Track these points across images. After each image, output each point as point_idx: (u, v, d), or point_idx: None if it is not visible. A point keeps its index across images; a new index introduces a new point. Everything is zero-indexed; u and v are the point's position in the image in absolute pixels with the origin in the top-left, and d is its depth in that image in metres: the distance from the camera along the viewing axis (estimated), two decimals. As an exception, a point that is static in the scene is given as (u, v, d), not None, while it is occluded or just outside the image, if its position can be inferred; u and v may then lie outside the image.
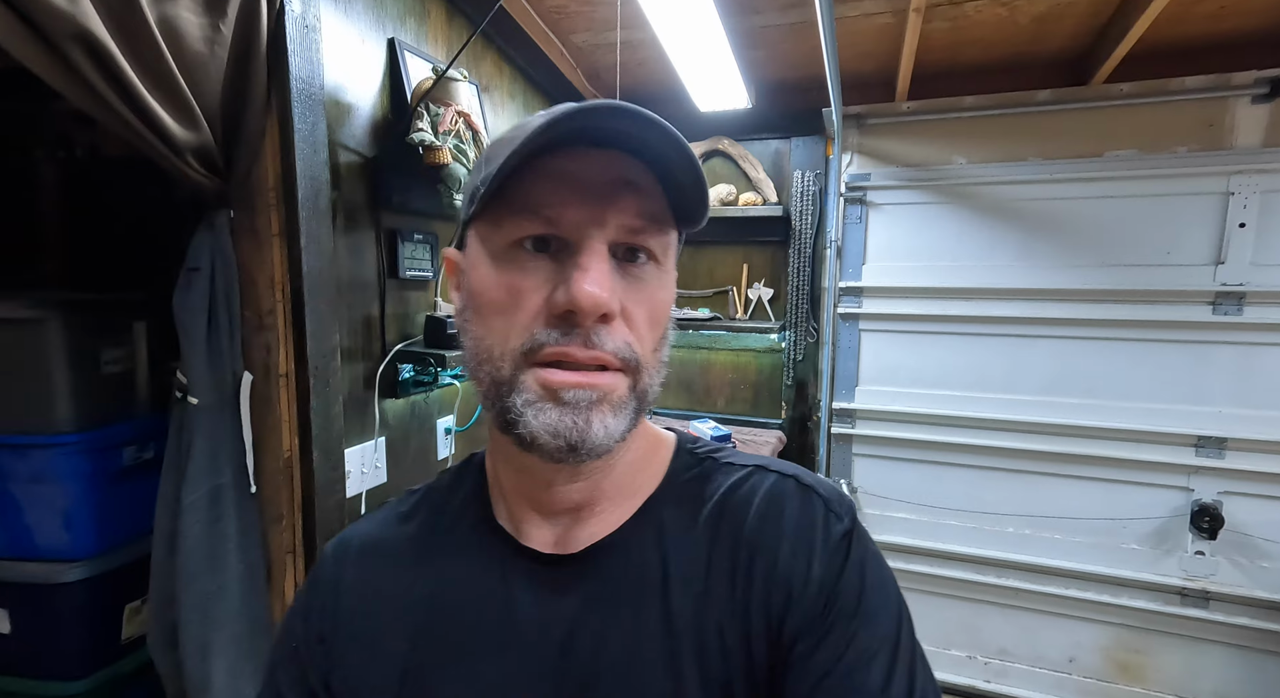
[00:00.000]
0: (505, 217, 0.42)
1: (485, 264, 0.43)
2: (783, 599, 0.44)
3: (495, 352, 0.42)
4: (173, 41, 0.91)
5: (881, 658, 0.43)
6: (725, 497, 0.49)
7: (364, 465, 1.35)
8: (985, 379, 2.08)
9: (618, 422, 0.42)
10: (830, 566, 0.45)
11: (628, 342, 0.43)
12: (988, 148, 2.02)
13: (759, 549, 0.46)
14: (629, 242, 0.43)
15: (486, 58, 1.76)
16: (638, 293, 0.44)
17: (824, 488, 0.50)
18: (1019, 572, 2.08)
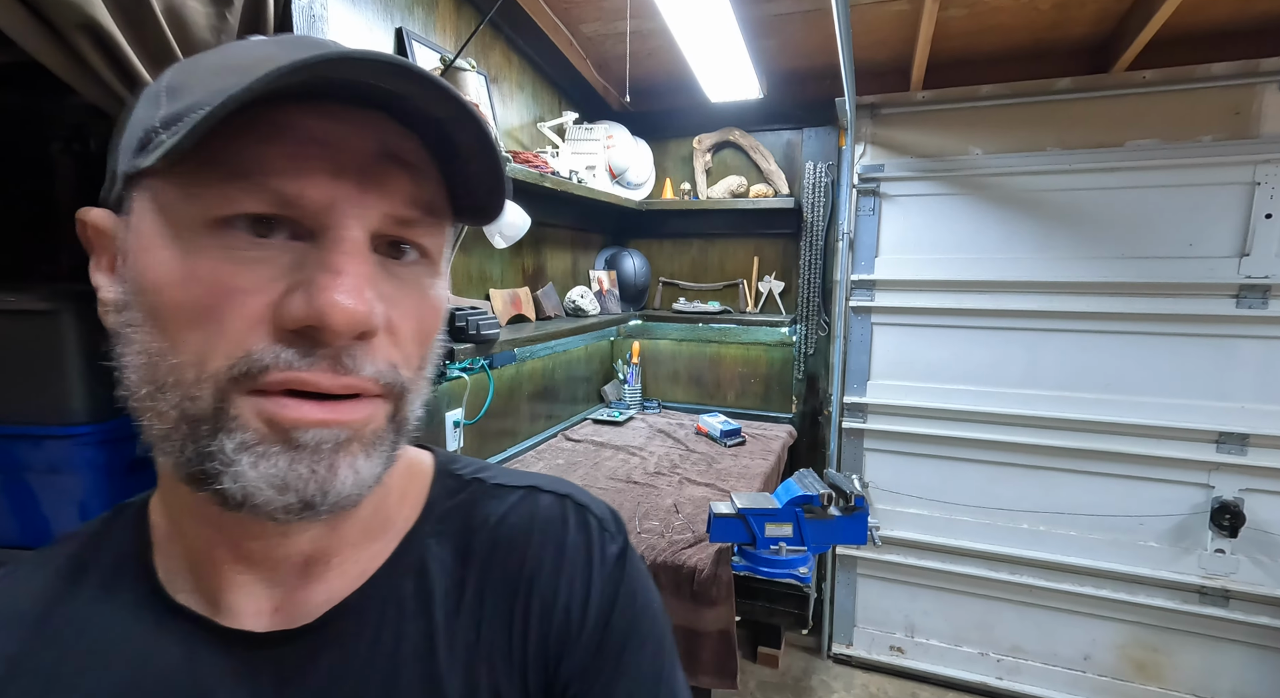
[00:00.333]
0: (208, 181, 0.30)
1: (168, 245, 0.30)
2: (560, 633, 0.41)
3: (186, 374, 0.30)
4: (179, 31, 0.90)
5: (649, 680, 0.43)
6: (497, 526, 0.43)
7: (373, 458, 1.35)
8: (1001, 374, 2.05)
9: (371, 465, 0.34)
10: (605, 593, 0.43)
11: (391, 363, 0.34)
12: (1005, 138, 1.99)
13: (535, 580, 0.42)
14: (396, 234, 0.34)
15: (495, 48, 1.75)
16: (405, 299, 0.34)
17: (598, 508, 0.47)
18: (1033, 569, 2.05)
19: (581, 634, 0.41)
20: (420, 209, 0.34)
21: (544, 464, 1.80)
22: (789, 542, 1.23)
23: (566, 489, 0.47)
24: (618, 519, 0.47)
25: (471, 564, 0.42)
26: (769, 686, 2.14)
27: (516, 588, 0.41)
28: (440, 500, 0.44)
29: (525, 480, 0.47)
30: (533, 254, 1.98)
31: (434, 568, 0.41)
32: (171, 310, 0.30)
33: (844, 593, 2.27)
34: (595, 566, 0.43)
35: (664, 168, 2.47)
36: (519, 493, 0.45)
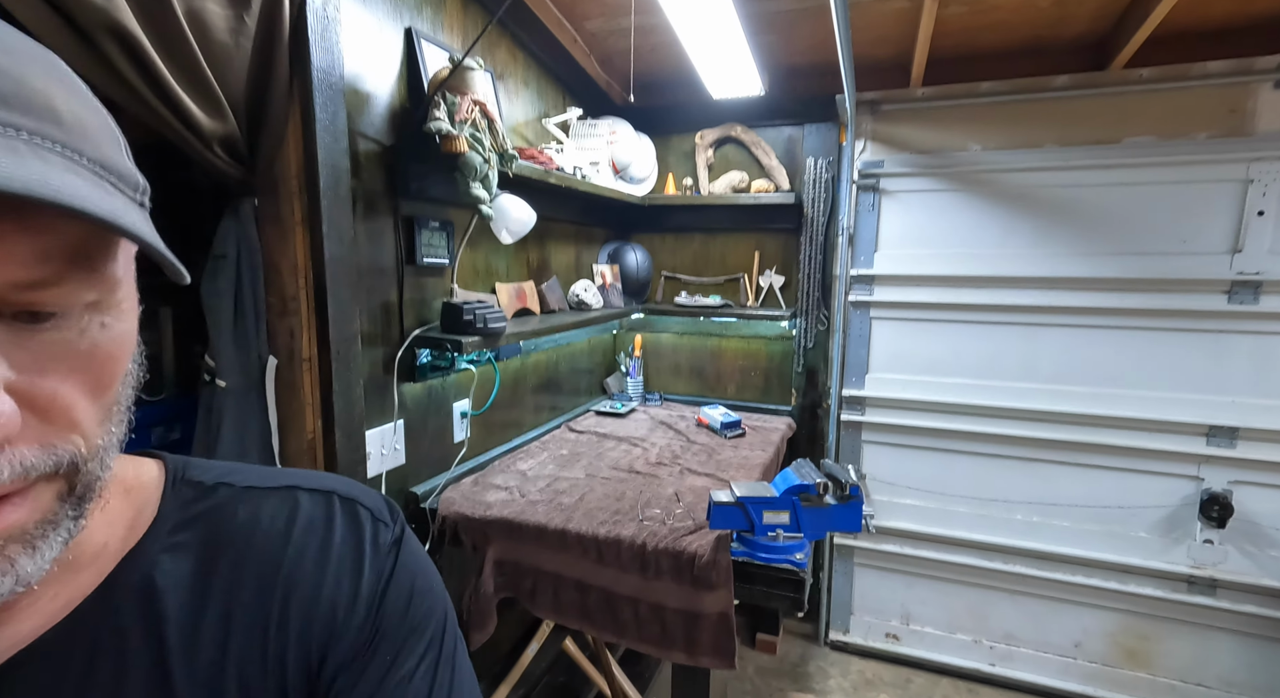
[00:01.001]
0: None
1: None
2: (325, 634, 0.39)
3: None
4: (199, 33, 0.93)
5: (423, 675, 0.42)
6: (251, 532, 0.40)
7: (383, 447, 1.39)
8: (997, 367, 2.09)
9: (39, 559, 0.28)
10: (377, 583, 0.41)
11: (48, 446, 0.28)
12: (1004, 134, 2.01)
13: (295, 585, 0.39)
14: (25, 302, 0.26)
15: (501, 45, 1.77)
16: (65, 362, 0.28)
17: (368, 498, 0.45)
18: (1027, 558, 2.10)
19: (349, 629, 0.40)
20: (56, 262, 0.27)
21: (548, 454, 1.84)
22: (786, 529, 1.27)
23: (331, 485, 0.45)
24: (392, 507, 0.46)
25: (216, 576, 0.38)
26: (767, 671, 2.19)
27: (272, 593, 0.39)
28: (174, 513, 0.39)
29: (283, 480, 0.44)
30: (537, 249, 2.01)
31: (165, 586, 0.37)
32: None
33: (841, 582, 2.31)
34: (367, 557, 0.42)
35: (666, 163, 2.50)
36: (276, 494, 0.42)
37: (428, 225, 1.47)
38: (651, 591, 1.31)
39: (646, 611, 1.32)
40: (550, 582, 1.40)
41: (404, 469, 1.46)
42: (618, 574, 1.34)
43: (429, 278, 1.52)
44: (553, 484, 1.60)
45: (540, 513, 1.42)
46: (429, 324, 1.50)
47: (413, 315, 1.47)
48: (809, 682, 2.15)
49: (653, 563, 1.30)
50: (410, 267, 1.44)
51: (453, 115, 1.31)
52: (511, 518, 1.41)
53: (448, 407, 1.61)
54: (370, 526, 0.43)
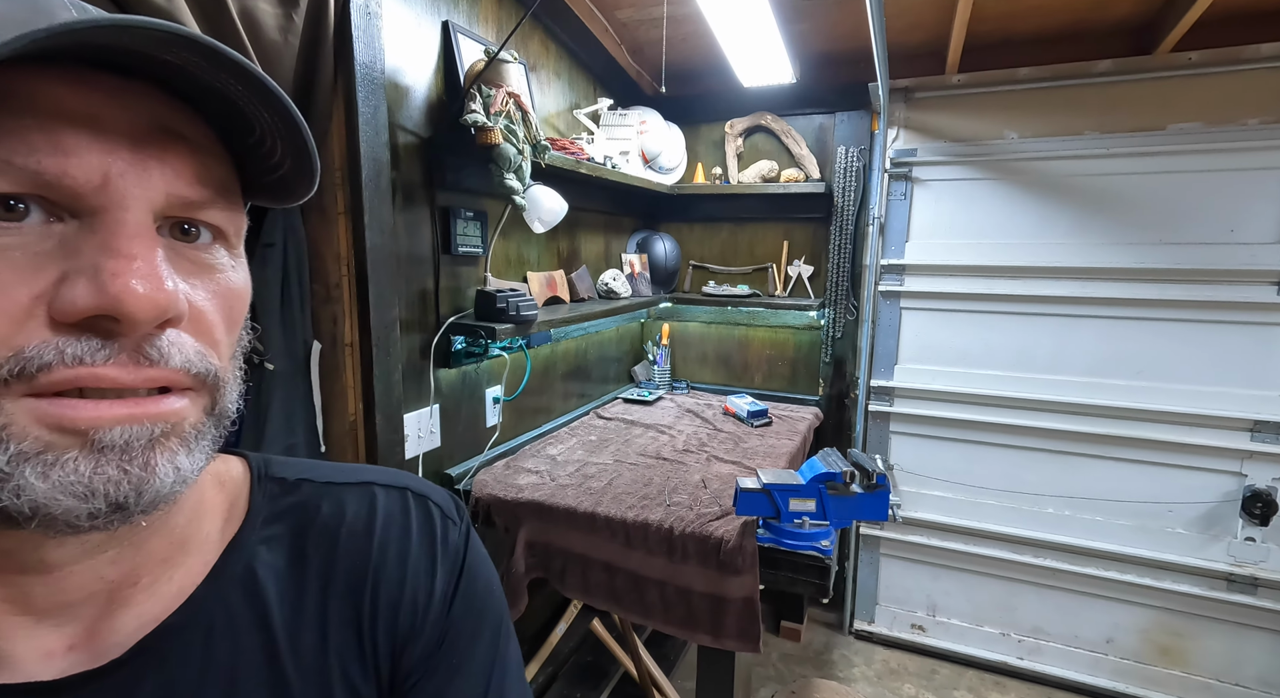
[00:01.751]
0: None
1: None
2: (407, 628, 0.41)
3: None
4: (252, 32, 0.98)
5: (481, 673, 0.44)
6: (336, 525, 0.42)
7: (420, 430, 1.44)
8: (1030, 359, 2.06)
9: (193, 460, 0.31)
10: (449, 580, 0.44)
11: (200, 351, 0.31)
12: (1042, 121, 1.97)
13: (382, 580, 0.41)
14: (184, 216, 0.31)
15: (534, 37, 1.80)
16: (204, 285, 0.32)
17: (438, 496, 0.47)
18: (1057, 552, 2.07)
19: (426, 624, 0.42)
20: (210, 188, 0.31)
21: (577, 440, 1.88)
22: (812, 516, 1.28)
23: (404, 481, 0.46)
24: (459, 505, 0.48)
25: (309, 568, 0.40)
26: (791, 658, 2.21)
27: (363, 585, 0.41)
28: (264, 506, 0.41)
29: (358, 476, 0.45)
30: (567, 238, 2.04)
31: (265, 577, 0.39)
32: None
33: (867, 572, 2.32)
34: (439, 554, 0.44)
35: (696, 152, 2.50)
36: (354, 489, 0.44)
37: (463, 215, 1.51)
38: (678, 574, 1.34)
39: (673, 593, 1.35)
40: (579, 563, 1.44)
41: (439, 452, 1.51)
42: (645, 557, 1.37)
43: (464, 267, 1.56)
44: (582, 469, 1.64)
45: (570, 496, 1.46)
46: (463, 312, 1.54)
47: (448, 303, 1.51)
48: (833, 669, 2.17)
49: (679, 547, 1.33)
50: (446, 256, 1.49)
51: (488, 107, 1.34)
52: (542, 501, 1.46)
53: (481, 392, 1.66)
54: (440, 523, 0.45)
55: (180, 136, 0.30)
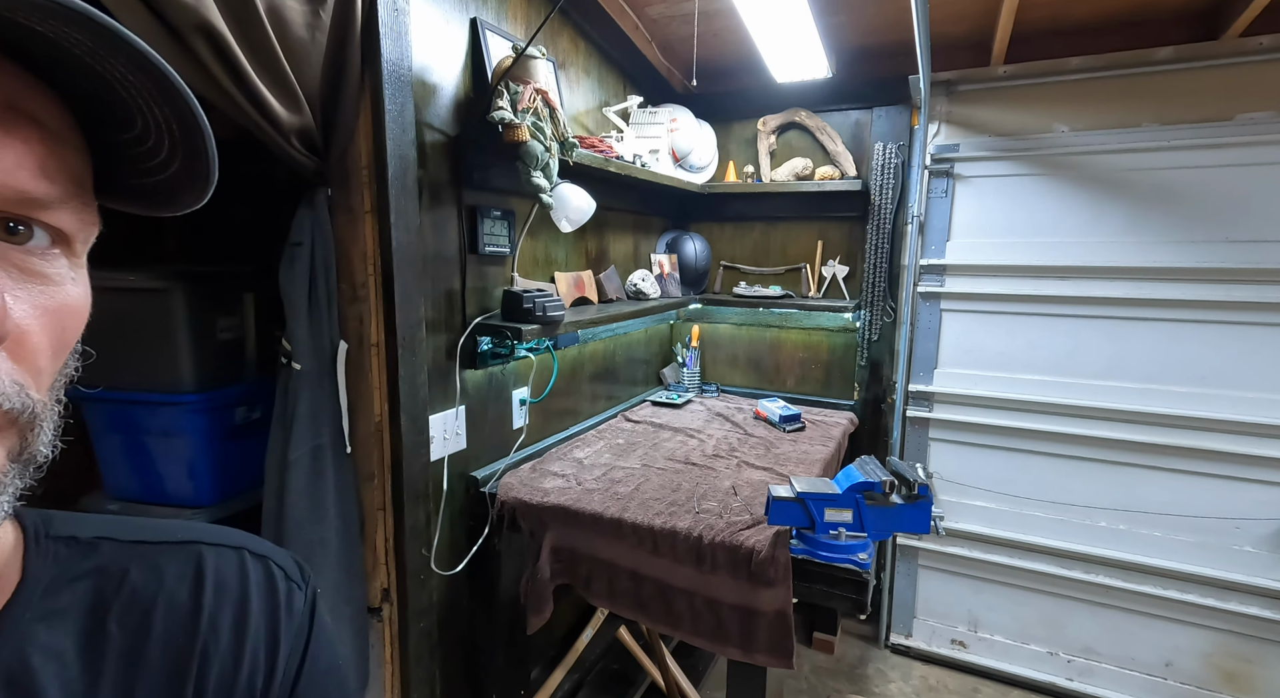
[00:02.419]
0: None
1: None
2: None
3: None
4: (279, 29, 0.97)
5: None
6: (147, 593, 0.35)
7: (446, 432, 1.43)
8: (1081, 364, 1.95)
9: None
10: (295, 651, 0.39)
11: (16, 381, 0.26)
12: (1095, 113, 1.86)
13: (211, 657, 0.35)
14: (16, 213, 0.26)
15: (563, 34, 1.77)
16: (37, 297, 0.27)
17: (279, 557, 0.41)
18: (1110, 568, 1.96)
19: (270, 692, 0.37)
20: (58, 185, 0.27)
21: (604, 443, 1.85)
22: (849, 528, 1.22)
23: (238, 540, 0.40)
24: (301, 567, 0.43)
25: (109, 650, 0.33)
26: (823, 670, 2.14)
27: (186, 670, 0.34)
28: (45, 573, 0.33)
29: (178, 534, 0.38)
30: (596, 238, 2.02)
31: (41, 668, 0.30)
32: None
33: (904, 584, 2.23)
34: (282, 625, 0.38)
35: (727, 150, 2.45)
36: (174, 550, 0.37)
37: (490, 214, 1.49)
38: (707, 584, 1.30)
39: (702, 604, 1.30)
40: (605, 570, 1.40)
41: (465, 454, 1.49)
42: (672, 566, 1.33)
43: (490, 266, 1.54)
44: (609, 473, 1.61)
45: (596, 502, 1.43)
46: (490, 312, 1.52)
47: (474, 303, 1.49)
48: (868, 684, 2.09)
49: (709, 556, 1.28)
50: (473, 255, 1.47)
51: (515, 105, 1.31)
52: (568, 505, 1.42)
53: (507, 394, 1.64)
54: (285, 587, 0.40)
55: (30, 119, 0.26)
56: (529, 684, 1.71)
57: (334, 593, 1.23)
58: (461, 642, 1.51)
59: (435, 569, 1.39)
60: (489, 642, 1.55)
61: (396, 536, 1.32)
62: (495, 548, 1.52)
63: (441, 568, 1.41)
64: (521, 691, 1.67)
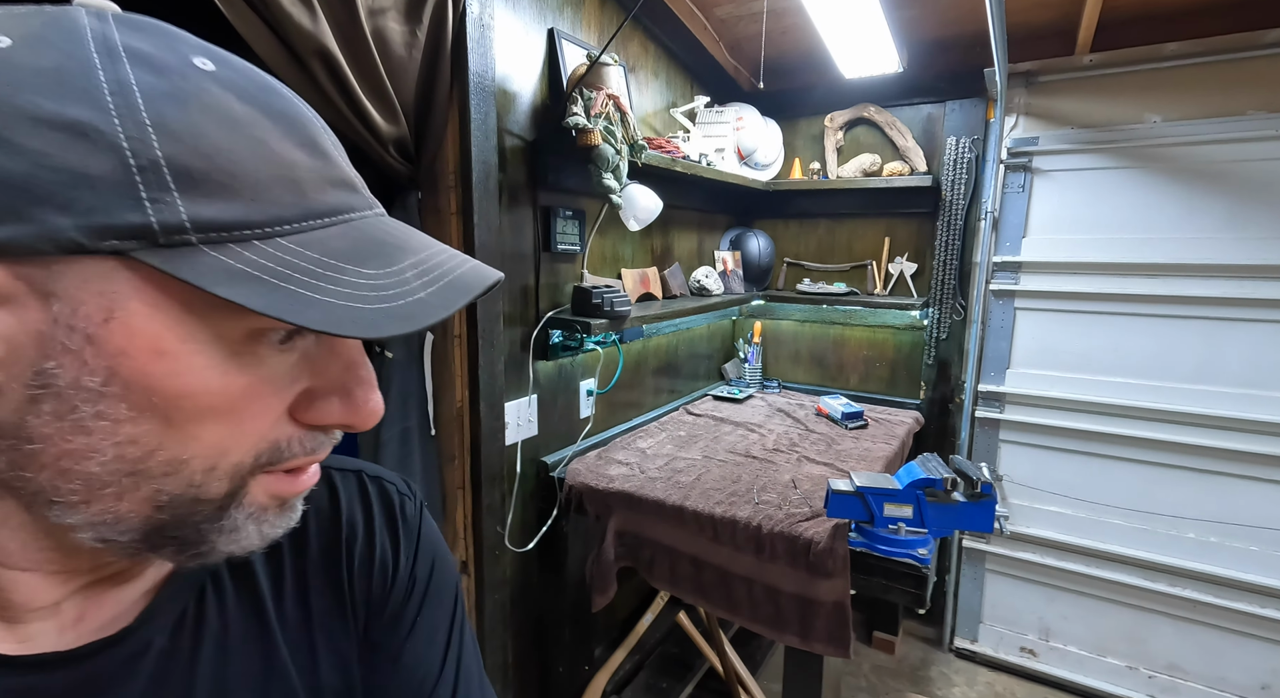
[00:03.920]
0: None
1: (201, 352, 0.28)
2: (380, 593, 0.45)
3: (194, 465, 0.30)
4: (382, 49, 1.07)
5: (441, 636, 0.48)
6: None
7: (519, 419, 1.52)
8: (1171, 366, 1.85)
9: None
10: (409, 548, 0.48)
11: None
12: (1192, 102, 1.76)
13: (354, 550, 0.45)
14: None
15: (634, 38, 1.84)
16: None
17: (389, 476, 0.50)
18: (1199, 582, 1.85)
19: (396, 588, 0.46)
20: None
21: (666, 435, 1.90)
22: (908, 523, 1.23)
23: (356, 465, 0.49)
24: (409, 484, 0.51)
25: (281, 547, 0.43)
26: (884, 670, 2.13)
27: (338, 556, 0.44)
28: None
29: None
30: (661, 235, 2.07)
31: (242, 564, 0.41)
32: (189, 413, 0.29)
33: (970, 587, 2.18)
34: (400, 527, 0.48)
35: (793, 147, 2.45)
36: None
37: (562, 214, 1.58)
38: (766, 572, 1.33)
39: (761, 591, 1.34)
40: (667, 555, 1.46)
41: (536, 440, 1.59)
42: (733, 553, 1.37)
43: (562, 263, 1.63)
44: (671, 463, 1.66)
45: (659, 489, 1.49)
46: (561, 307, 1.61)
47: (547, 298, 1.58)
48: (930, 686, 2.06)
49: (768, 545, 1.32)
50: (546, 253, 1.56)
51: (588, 110, 1.39)
52: (632, 492, 1.49)
53: (575, 384, 1.72)
54: (398, 499, 0.49)
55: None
56: (592, 661, 1.79)
57: (419, 562, 1.34)
58: (531, 616, 1.61)
59: (509, 546, 1.49)
60: (556, 617, 1.64)
61: (474, 513, 1.43)
62: (563, 530, 1.61)
63: (514, 546, 1.51)
64: (585, 666, 1.76)
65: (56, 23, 0.26)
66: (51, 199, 0.25)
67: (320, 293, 0.28)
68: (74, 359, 0.26)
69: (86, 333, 0.26)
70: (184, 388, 0.28)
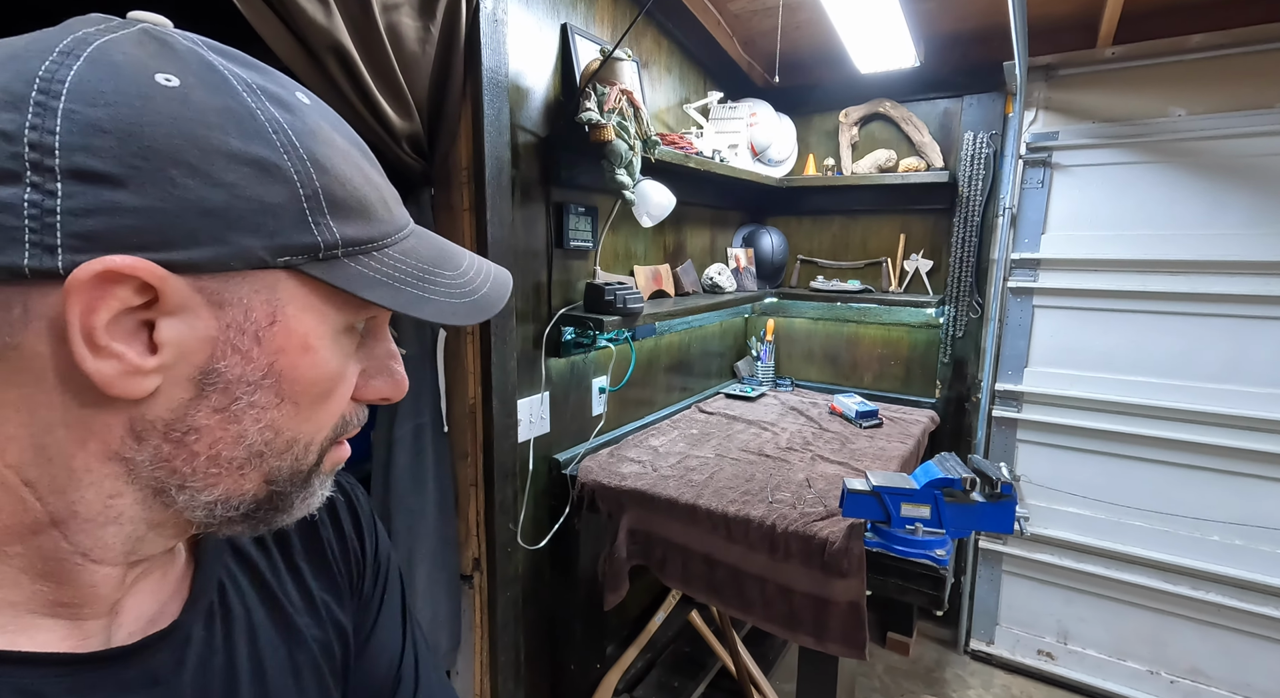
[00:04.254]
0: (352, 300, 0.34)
1: (324, 345, 0.34)
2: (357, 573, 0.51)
3: (301, 441, 0.35)
4: (396, 44, 1.07)
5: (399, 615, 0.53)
6: None
7: (531, 416, 1.52)
8: (1195, 365, 1.81)
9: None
10: (371, 534, 0.53)
11: None
12: (1218, 95, 1.72)
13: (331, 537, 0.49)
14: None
15: (647, 34, 1.82)
16: None
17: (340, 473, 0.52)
18: (1224, 586, 1.81)
19: (365, 570, 0.52)
20: None
21: (679, 433, 1.89)
22: (926, 523, 1.21)
23: None
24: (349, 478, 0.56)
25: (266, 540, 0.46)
26: (898, 671, 2.11)
27: (320, 545, 0.49)
28: None
29: None
30: (674, 232, 2.06)
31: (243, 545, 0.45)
32: (309, 396, 0.34)
33: (986, 589, 2.15)
34: (359, 513, 0.53)
35: (807, 143, 2.43)
36: None
37: (574, 211, 1.57)
38: (780, 572, 1.32)
39: (774, 591, 1.33)
40: (679, 553, 1.46)
41: (548, 437, 1.58)
42: (746, 552, 1.36)
43: (574, 260, 1.62)
44: (683, 461, 1.65)
45: (671, 487, 1.48)
46: (573, 304, 1.60)
47: (559, 295, 1.58)
48: (945, 688, 2.04)
49: (782, 545, 1.31)
50: (558, 249, 1.55)
51: (601, 105, 1.38)
52: (644, 490, 1.48)
53: (587, 382, 1.72)
54: (350, 488, 0.54)
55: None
56: (604, 659, 1.79)
57: (431, 560, 1.34)
58: (543, 613, 1.61)
59: (521, 543, 1.49)
60: (568, 615, 1.64)
61: (487, 510, 1.43)
62: (575, 527, 1.60)
63: (526, 543, 1.51)
64: (597, 664, 1.76)
65: (201, 61, 0.30)
66: (244, 224, 0.29)
67: (427, 292, 0.35)
68: (241, 358, 0.31)
69: (255, 334, 0.31)
70: (317, 376, 0.34)
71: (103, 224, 0.27)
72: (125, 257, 0.27)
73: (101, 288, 0.27)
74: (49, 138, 0.26)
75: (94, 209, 0.26)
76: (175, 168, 0.27)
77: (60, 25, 0.29)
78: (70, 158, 0.26)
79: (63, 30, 0.28)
